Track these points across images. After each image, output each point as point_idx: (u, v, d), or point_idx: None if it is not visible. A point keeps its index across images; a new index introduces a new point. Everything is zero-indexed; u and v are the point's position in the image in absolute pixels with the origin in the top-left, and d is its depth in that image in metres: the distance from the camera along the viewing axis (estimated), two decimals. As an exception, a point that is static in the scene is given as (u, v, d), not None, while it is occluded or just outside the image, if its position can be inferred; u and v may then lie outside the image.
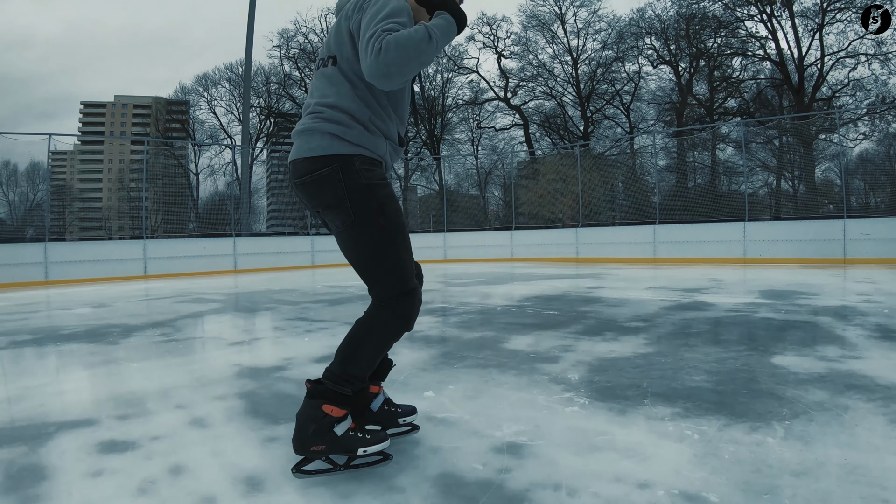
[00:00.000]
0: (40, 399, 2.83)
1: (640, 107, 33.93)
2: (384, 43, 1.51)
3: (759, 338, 3.67)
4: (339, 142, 1.71)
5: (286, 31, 45.41)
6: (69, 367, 3.63)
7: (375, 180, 1.74)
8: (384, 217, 1.73)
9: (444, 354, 3.55)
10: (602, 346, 3.56)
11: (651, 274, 10.39)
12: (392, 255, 1.74)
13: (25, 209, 29.11)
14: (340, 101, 1.73)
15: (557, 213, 25.71)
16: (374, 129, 1.76)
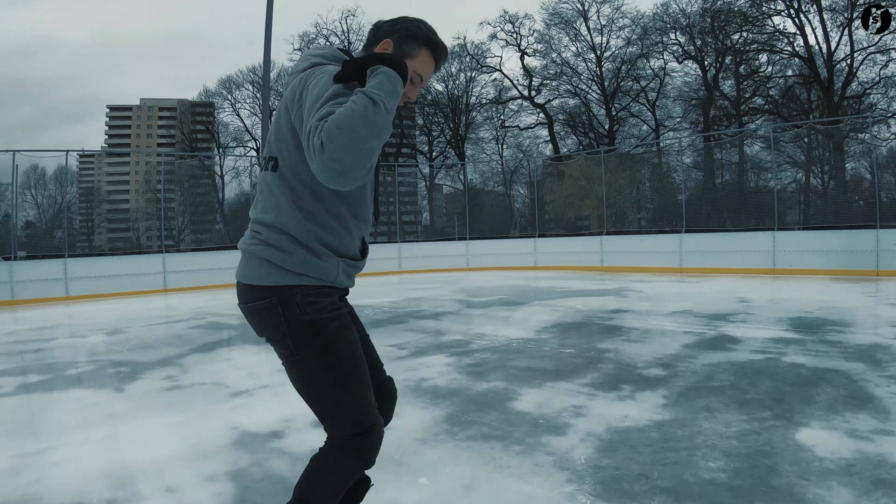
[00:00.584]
0: (36, 472, 2.86)
1: (666, 104, 33.26)
2: (324, 133, 1.23)
3: (786, 396, 3.42)
4: (277, 271, 1.50)
5: (306, 33, 45.66)
6: (70, 426, 3.64)
7: (322, 314, 1.52)
8: (331, 356, 1.51)
9: (449, 418, 3.40)
10: (616, 409, 3.36)
11: (677, 290, 10.09)
12: (342, 395, 1.55)
13: (54, 212, 29.60)
14: (279, 220, 1.51)
15: (583, 214, 25.36)
16: (323, 249, 1.53)
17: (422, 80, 1.66)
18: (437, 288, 12.34)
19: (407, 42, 1.60)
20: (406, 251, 18.60)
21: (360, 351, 1.57)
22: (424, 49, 1.62)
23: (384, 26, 1.63)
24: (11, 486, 2.71)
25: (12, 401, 4.35)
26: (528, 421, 3.26)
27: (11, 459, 3.04)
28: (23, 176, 26.36)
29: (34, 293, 12.81)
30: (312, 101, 1.37)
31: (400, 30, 1.60)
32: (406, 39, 1.60)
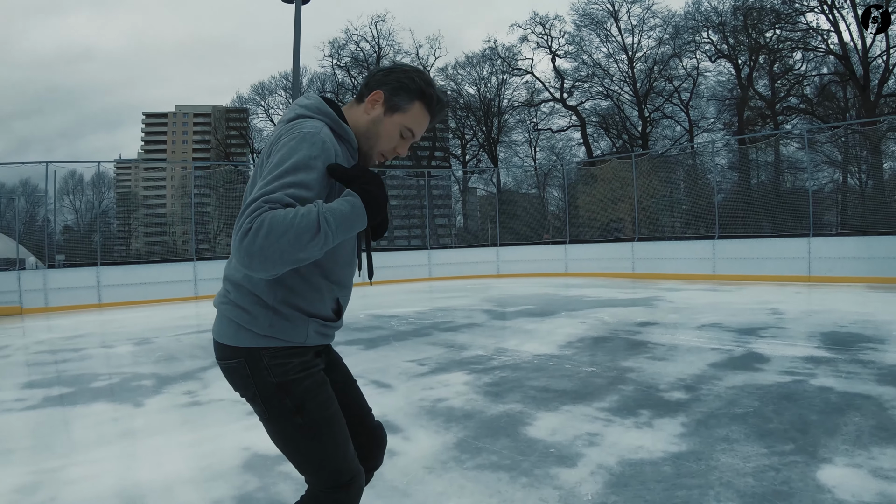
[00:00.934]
0: (53, 489, 2.98)
1: (700, 104, 32.53)
2: (256, 223, 1.19)
3: (812, 427, 3.25)
4: (244, 333, 1.47)
5: (336, 40, 46.11)
6: (88, 442, 3.77)
7: (291, 375, 1.49)
8: (302, 415, 1.49)
9: (459, 444, 3.35)
10: (632, 438, 3.26)
11: (708, 300, 9.83)
12: (316, 452, 1.52)
13: (91, 216, 30.40)
14: (248, 279, 1.47)
15: (616, 217, 25.00)
16: (290, 311, 1.48)
17: (413, 135, 1.59)
18: (465, 297, 12.30)
19: (398, 95, 1.55)
20: (436, 258, 18.60)
21: (333, 408, 1.54)
22: (417, 102, 1.56)
23: (377, 75, 1.57)
24: (29, 502, 2.84)
25: (36, 414, 4.53)
26: (539, 449, 3.19)
27: (31, 476, 3.18)
28: (61, 182, 27.11)
29: (67, 300, 13.32)
30: (277, 161, 1.33)
31: (392, 81, 1.55)
32: (397, 92, 1.55)
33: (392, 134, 1.57)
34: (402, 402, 4.34)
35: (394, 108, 1.55)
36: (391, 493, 2.75)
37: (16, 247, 14.97)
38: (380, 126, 1.55)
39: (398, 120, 1.56)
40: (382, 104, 1.55)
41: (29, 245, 24.65)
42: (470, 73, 44.99)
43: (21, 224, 26.17)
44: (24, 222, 26.92)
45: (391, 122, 1.56)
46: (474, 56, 44.25)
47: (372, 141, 1.57)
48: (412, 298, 12.51)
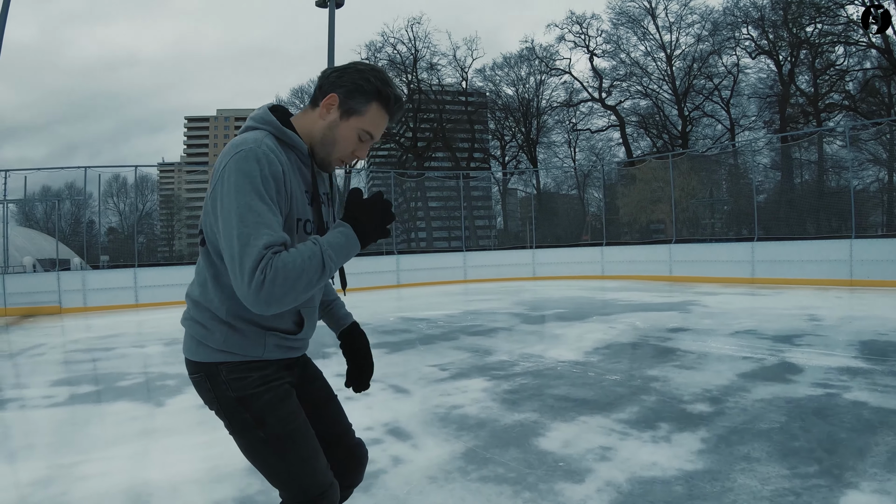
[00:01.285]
0: (65, 484, 3.09)
1: (741, 101, 31.42)
2: (270, 274, 1.22)
3: (840, 446, 3.01)
4: (202, 348, 1.46)
5: (373, 43, 46.30)
6: (106, 440, 3.90)
7: (249, 389, 1.45)
8: (263, 429, 1.45)
9: (467, 454, 3.26)
10: (646, 453, 3.09)
11: (746, 304, 9.44)
12: (281, 466, 1.48)
13: (136, 218, 31.32)
14: (203, 296, 1.46)
15: (656, 218, 24.45)
16: (245, 325, 1.44)
17: (371, 138, 1.51)
18: (498, 300, 12.16)
19: (353, 97, 1.46)
20: (471, 260, 18.48)
21: (297, 422, 1.48)
22: (374, 103, 1.47)
23: (330, 77, 1.48)
24: (40, 495, 2.95)
25: (62, 411, 4.69)
26: (548, 462, 3.06)
27: (47, 470, 3.31)
28: (105, 185, 27.91)
29: (105, 301, 13.77)
30: (238, 215, 1.27)
31: (347, 83, 1.46)
32: (352, 94, 1.46)
33: (350, 138, 1.49)
34: (418, 408, 4.29)
35: (350, 111, 1.47)
36: (390, 501, 2.70)
37: (58, 248, 15.59)
38: (336, 131, 1.48)
39: (355, 123, 1.48)
40: (338, 108, 1.47)
41: (74, 246, 25.54)
42: (508, 74, 44.63)
43: (67, 226, 27.05)
44: (70, 224, 27.77)
45: (348, 126, 1.48)
46: (512, 57, 43.88)
47: (329, 147, 1.50)
48: (445, 301, 12.44)
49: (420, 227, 41.62)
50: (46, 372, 6.45)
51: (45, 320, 12.43)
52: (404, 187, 32.92)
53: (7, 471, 3.41)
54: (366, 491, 2.81)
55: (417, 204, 39.59)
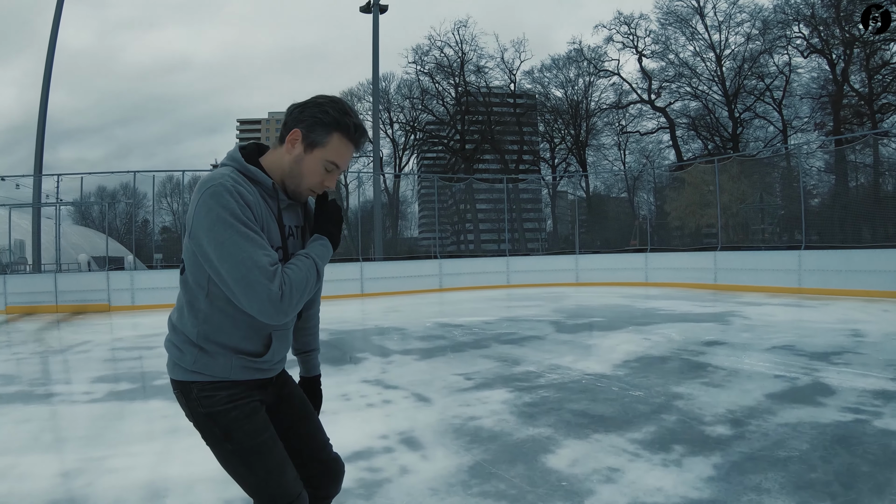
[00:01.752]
0: (92, 477, 3.29)
1: (793, 102, 29.93)
2: (287, 287, 1.40)
3: (859, 480, 2.80)
4: (177, 368, 1.58)
5: (420, 46, 46.38)
6: (135, 436, 4.11)
7: (217, 406, 1.55)
8: (231, 443, 1.56)
9: (473, 467, 3.24)
10: (653, 478, 2.98)
11: (788, 317, 9.01)
12: (250, 477, 1.59)
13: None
14: (180, 320, 1.59)
15: (706, 223, 23.70)
16: (215, 348, 1.55)
17: (337, 168, 1.56)
18: (537, 306, 12.03)
19: (314, 131, 1.52)
20: (515, 265, 18.35)
21: (263, 437, 1.58)
22: (335, 133, 1.53)
23: (293, 113, 1.56)
24: (66, 486, 3.16)
25: (98, 407, 4.96)
26: (551, 481, 3.00)
27: (76, 463, 3.52)
28: (159, 185, 28.87)
29: (153, 300, 14.32)
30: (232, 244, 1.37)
31: (307, 117, 1.52)
32: (313, 128, 1.52)
33: (315, 170, 1.56)
34: (436, 417, 4.29)
35: (312, 144, 1.53)
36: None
37: (107, 245, 16.33)
38: (302, 164, 1.55)
39: (319, 155, 1.54)
40: (301, 142, 1.53)
41: (128, 244, 26.64)
42: (556, 76, 44.02)
43: (121, 224, 28.21)
44: (124, 223, 28.91)
45: (312, 159, 1.54)
46: (560, 58, 43.25)
47: (297, 179, 1.57)
48: (485, 307, 12.38)
49: (468, 230, 41.52)
50: (90, 369, 6.82)
51: (95, 318, 13.03)
52: (453, 190, 32.89)
53: (41, 461, 3.62)
54: (368, 499, 2.86)
55: (466, 206, 39.49)
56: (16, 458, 3.73)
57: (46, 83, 18.19)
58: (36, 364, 7.49)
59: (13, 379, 6.36)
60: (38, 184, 17.40)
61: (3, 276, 14.89)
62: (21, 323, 12.40)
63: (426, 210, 43.17)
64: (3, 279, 14.61)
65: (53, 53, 18.09)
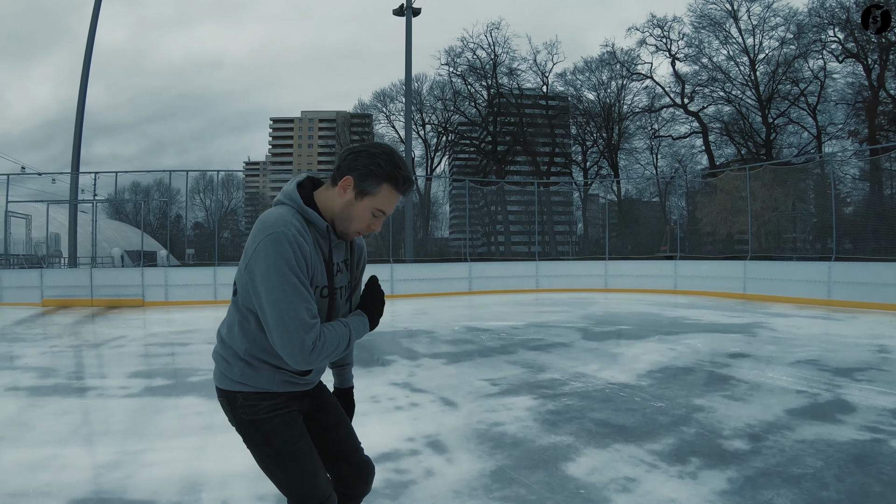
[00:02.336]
0: (130, 469, 3.47)
1: (828, 108, 29.01)
2: (320, 344, 1.55)
3: (869, 500, 2.84)
4: (224, 378, 1.74)
5: (452, 48, 46.24)
6: (171, 431, 4.30)
7: (260, 414, 1.72)
8: (270, 447, 1.73)
9: (496, 472, 3.36)
10: (668, 489, 3.06)
11: (815, 330, 8.86)
12: (286, 478, 1.76)
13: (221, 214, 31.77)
14: (229, 336, 1.74)
15: (738, 230, 23.28)
16: (260, 363, 1.71)
17: (384, 214, 1.70)
18: (565, 311, 12.05)
19: (366, 180, 1.64)
20: (543, 270, 18.31)
21: (300, 444, 1.75)
22: (385, 185, 1.65)
23: (347, 159, 1.67)
24: (107, 477, 3.33)
25: (135, 402, 5.18)
26: (570, 489, 3.11)
27: (116, 455, 3.69)
28: (192, 182, 29.17)
29: (186, 296, 14.65)
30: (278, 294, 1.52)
31: (360, 167, 1.64)
32: (365, 178, 1.64)
33: (364, 216, 1.68)
34: (461, 422, 4.40)
35: (363, 192, 1.64)
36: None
37: (143, 240, 16.76)
38: (352, 209, 1.66)
39: (368, 203, 1.66)
40: (353, 189, 1.64)
41: (161, 239, 27.13)
42: (589, 79, 43.50)
43: (155, 220, 28.70)
44: (158, 218, 29.24)
45: (362, 206, 1.66)
46: (593, 61, 42.74)
47: (346, 222, 1.68)
48: (513, 311, 12.44)
49: (499, 231, 41.38)
50: (125, 364, 7.02)
51: (129, 312, 13.26)
52: (484, 191, 32.84)
53: (82, 453, 3.82)
54: (393, 499, 3.01)
55: (497, 208, 39.34)
56: (56, 449, 3.88)
57: (84, 84, 17.98)
58: (72, 357, 7.68)
59: (51, 372, 6.54)
60: (75, 181, 17.55)
61: (41, 270, 15.27)
62: (57, 316, 12.61)
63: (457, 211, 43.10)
64: (41, 273, 14.96)
65: (91, 55, 17.95)
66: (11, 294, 14.52)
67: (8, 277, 14.85)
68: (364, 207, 1.66)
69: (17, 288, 14.59)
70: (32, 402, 5.24)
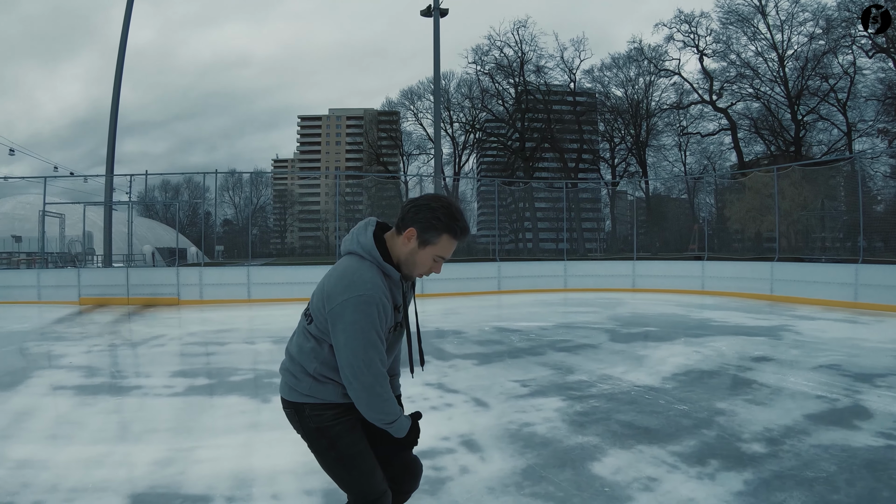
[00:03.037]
0: (183, 465, 3.65)
1: (858, 103, 28.15)
2: (382, 394, 1.86)
3: None
4: (293, 392, 1.97)
5: (479, 46, 46.02)
6: (218, 429, 4.49)
7: (326, 422, 1.96)
8: (335, 451, 1.97)
9: (526, 470, 3.58)
10: (687, 489, 3.26)
11: (839, 333, 8.81)
12: (349, 478, 2.01)
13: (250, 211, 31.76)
14: (299, 356, 1.97)
15: (766, 229, 22.92)
16: (326, 379, 1.94)
17: (444, 259, 1.98)
18: (593, 312, 12.13)
19: (428, 232, 1.91)
20: (572, 269, 18.36)
21: (360, 446, 2.00)
22: (445, 235, 1.92)
23: (410, 212, 1.93)
24: (161, 473, 3.52)
25: (180, 401, 5.38)
26: (595, 486, 3.33)
27: (168, 452, 3.90)
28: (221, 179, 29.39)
29: (220, 295, 14.87)
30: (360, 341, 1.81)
31: (422, 220, 1.91)
32: (427, 230, 1.91)
33: (426, 261, 1.96)
34: (494, 422, 4.61)
35: (425, 242, 1.92)
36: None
37: (173, 238, 16.93)
38: (416, 256, 1.94)
39: (430, 251, 1.94)
40: (416, 239, 1.92)
41: (191, 236, 27.44)
42: (616, 75, 42.91)
43: (184, 217, 28.88)
44: (187, 215, 29.51)
45: (425, 254, 1.94)
46: (620, 57, 42.15)
47: (411, 267, 1.97)
48: (542, 311, 12.55)
49: (527, 228, 41.22)
50: (167, 363, 7.23)
51: (165, 311, 13.37)
52: (511, 188, 32.81)
53: (135, 450, 3.98)
54: (432, 494, 3.24)
55: (525, 205, 39.18)
56: (110, 446, 4.05)
57: (117, 89, 17.96)
58: (115, 357, 7.86)
59: (96, 371, 6.73)
60: (109, 183, 17.89)
61: (78, 270, 15.49)
62: (95, 314, 12.78)
63: (485, 208, 43.15)
64: (78, 272, 15.16)
65: (123, 59, 17.97)
66: (49, 293, 14.76)
67: (46, 277, 15.10)
68: (427, 255, 1.94)
69: (54, 287, 14.81)
70: (81, 400, 5.40)
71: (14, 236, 25.05)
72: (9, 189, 30.75)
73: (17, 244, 24.75)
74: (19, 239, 24.92)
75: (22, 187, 31.44)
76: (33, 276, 15.23)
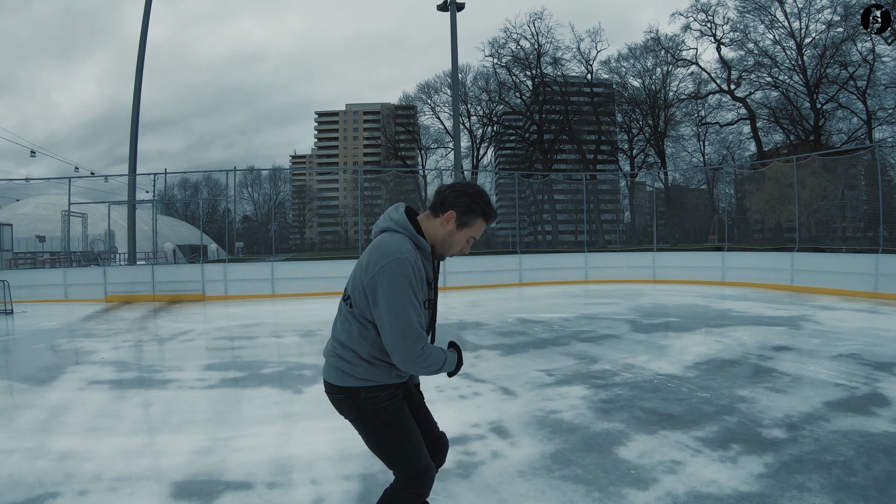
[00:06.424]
0: (222, 454, 3.77)
1: (878, 91, 27.36)
2: (426, 354, 1.92)
3: (893, 487, 3.08)
4: (347, 377, 2.03)
5: (496, 39, 45.56)
6: (254, 419, 4.60)
7: (380, 403, 2.04)
8: (388, 430, 2.05)
9: (555, 454, 3.70)
10: (710, 471, 3.37)
11: (859, 323, 8.74)
12: (399, 454, 2.10)
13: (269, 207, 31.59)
14: (349, 341, 2.03)
15: (786, 219, 22.59)
16: (378, 361, 2.01)
17: (475, 240, 2.15)
18: (614, 303, 12.16)
19: (466, 215, 2.08)
20: (592, 261, 18.35)
21: (410, 423, 2.12)
22: (480, 218, 2.10)
23: (448, 197, 2.08)
24: (202, 462, 3.62)
25: (215, 393, 5.48)
26: (622, 469, 3.45)
27: (207, 441, 4.01)
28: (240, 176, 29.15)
29: (245, 290, 15.03)
30: (397, 313, 1.88)
31: (461, 204, 2.06)
32: (466, 213, 2.07)
33: (461, 242, 2.12)
34: (522, 409, 4.73)
35: (462, 224, 2.08)
36: (483, 488, 3.24)
37: (193, 235, 17.10)
38: (453, 237, 2.10)
39: (466, 233, 2.10)
40: (454, 221, 2.06)
41: (211, 232, 27.37)
42: (633, 66, 42.20)
43: (204, 214, 28.71)
44: (207, 212, 29.45)
45: (461, 235, 2.10)
46: (637, 47, 41.43)
47: (447, 247, 2.12)
48: (564, 303, 12.58)
49: (546, 220, 40.96)
50: (198, 357, 7.34)
51: (190, 307, 13.42)
52: (530, 180, 32.66)
53: (174, 440, 4.08)
54: (465, 478, 3.38)
55: (544, 197, 38.93)
56: (149, 437, 4.14)
57: (137, 91, 18.19)
58: (146, 352, 7.91)
59: (128, 365, 6.78)
60: (132, 183, 18.07)
61: (103, 268, 15.60)
62: (122, 311, 12.78)
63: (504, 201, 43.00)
64: (104, 270, 15.27)
65: (143, 60, 18.04)
66: (76, 291, 14.85)
67: (73, 275, 15.17)
68: (462, 236, 2.10)
69: (81, 285, 14.90)
70: (117, 394, 5.46)
71: (38, 236, 25.31)
72: (30, 190, 31.26)
73: (41, 244, 25.04)
74: (43, 239, 25.22)
75: (41, 188, 31.95)
76: (60, 274, 15.36)
